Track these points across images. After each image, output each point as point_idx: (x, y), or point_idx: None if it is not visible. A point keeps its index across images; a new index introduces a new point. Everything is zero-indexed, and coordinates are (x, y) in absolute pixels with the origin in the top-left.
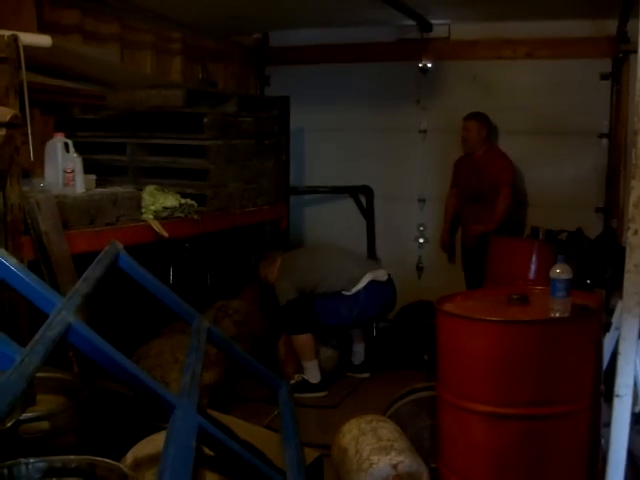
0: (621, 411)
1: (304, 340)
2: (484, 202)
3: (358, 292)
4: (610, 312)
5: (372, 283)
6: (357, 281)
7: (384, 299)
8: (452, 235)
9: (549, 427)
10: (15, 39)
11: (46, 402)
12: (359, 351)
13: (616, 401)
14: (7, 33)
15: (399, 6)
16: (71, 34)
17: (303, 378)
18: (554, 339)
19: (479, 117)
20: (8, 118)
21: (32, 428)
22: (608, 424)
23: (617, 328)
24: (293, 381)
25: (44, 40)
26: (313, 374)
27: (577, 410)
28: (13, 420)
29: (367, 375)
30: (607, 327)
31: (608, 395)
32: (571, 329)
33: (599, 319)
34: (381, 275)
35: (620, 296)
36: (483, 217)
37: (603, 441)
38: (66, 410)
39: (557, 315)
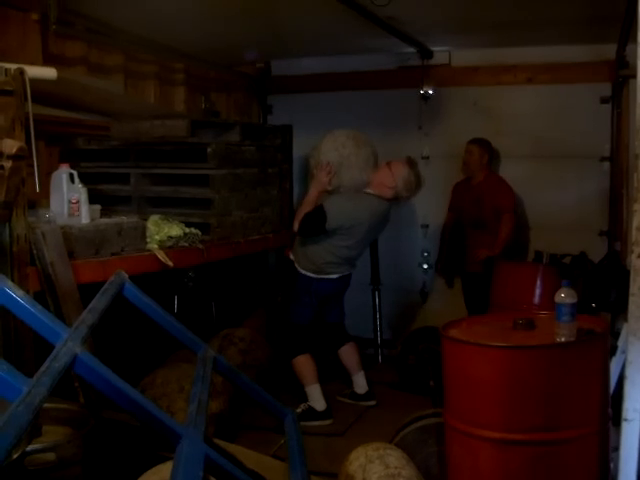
0: (630, 435)
1: (302, 362)
2: (485, 228)
3: (310, 277)
4: (616, 335)
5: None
6: (324, 273)
7: (331, 287)
8: (450, 259)
9: (557, 452)
10: (21, 72)
11: (52, 433)
12: (360, 380)
13: (624, 425)
14: (13, 66)
15: (400, 34)
16: (76, 66)
17: (309, 406)
18: (560, 364)
19: (482, 143)
20: (14, 150)
21: (38, 459)
22: (617, 448)
23: (623, 352)
24: (299, 410)
25: (50, 72)
26: (317, 400)
27: (585, 435)
28: (19, 452)
29: (373, 402)
30: (613, 351)
31: (616, 419)
32: (577, 353)
33: (605, 343)
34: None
35: (625, 319)
36: (485, 243)
37: (612, 465)
38: (72, 441)
39: (563, 340)
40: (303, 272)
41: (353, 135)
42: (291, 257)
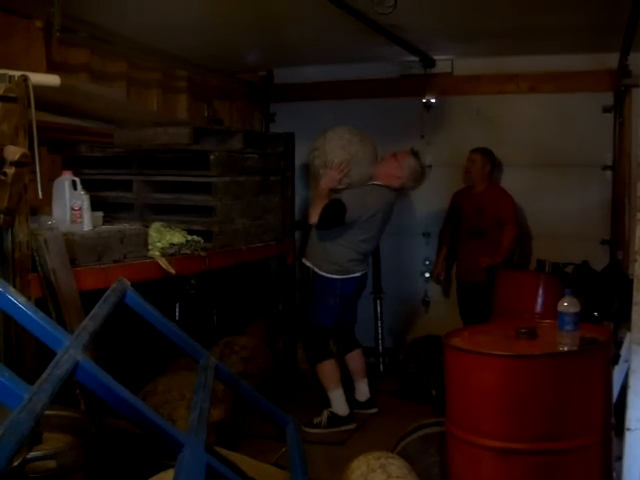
0: (633, 445)
1: (328, 367)
2: (485, 237)
3: (335, 279)
4: (618, 344)
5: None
6: (349, 272)
7: (354, 287)
8: (448, 268)
9: (560, 462)
10: (25, 79)
11: (53, 440)
12: (363, 388)
13: (627, 435)
14: (17, 73)
15: (402, 43)
16: (79, 73)
17: (332, 412)
18: (563, 373)
19: (485, 152)
20: (17, 157)
21: (39, 467)
22: (620, 458)
23: (626, 361)
24: (324, 417)
25: (53, 80)
26: (340, 405)
27: (588, 444)
28: (20, 459)
29: (375, 410)
30: (616, 360)
31: (619, 428)
32: (580, 362)
33: (608, 352)
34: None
35: (628, 328)
36: (485, 252)
37: (615, 475)
38: (73, 448)
39: (566, 349)
40: (327, 275)
41: (356, 132)
42: (307, 264)
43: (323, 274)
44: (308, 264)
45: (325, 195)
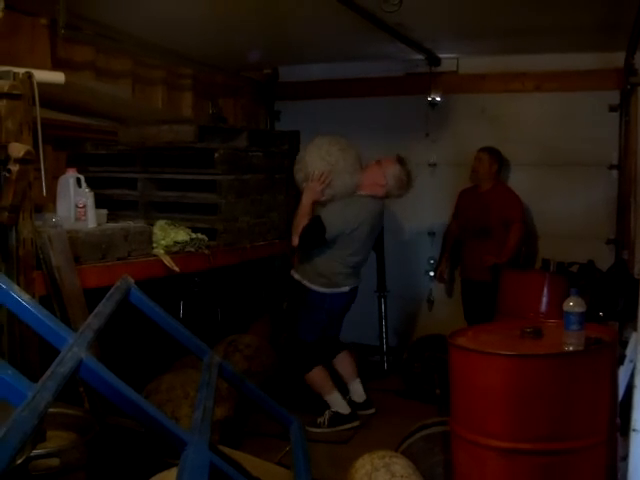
0: (638, 445)
1: (316, 374)
2: (490, 236)
3: (324, 294)
4: (624, 344)
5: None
6: (336, 286)
7: (343, 302)
8: (452, 268)
9: (564, 462)
10: (30, 76)
11: (56, 438)
12: (358, 388)
13: (633, 435)
14: (22, 70)
15: (408, 41)
16: (84, 70)
17: (333, 412)
18: (568, 373)
19: (493, 151)
20: (22, 154)
21: (42, 465)
22: (625, 458)
23: (632, 360)
24: (326, 417)
25: (58, 77)
26: (340, 405)
27: (593, 444)
28: (23, 457)
29: (372, 411)
30: (621, 359)
31: (624, 429)
32: (585, 362)
33: (613, 352)
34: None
35: (634, 328)
36: (490, 251)
37: (620, 476)
38: (76, 447)
39: (571, 349)
40: (315, 288)
41: (335, 141)
42: (296, 277)
43: (312, 288)
44: (297, 277)
45: (307, 212)
